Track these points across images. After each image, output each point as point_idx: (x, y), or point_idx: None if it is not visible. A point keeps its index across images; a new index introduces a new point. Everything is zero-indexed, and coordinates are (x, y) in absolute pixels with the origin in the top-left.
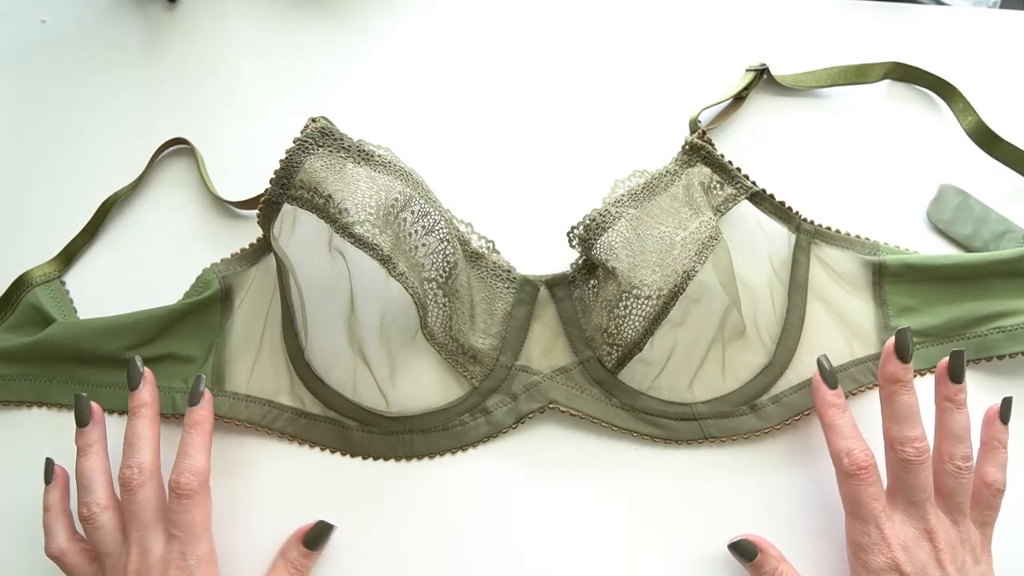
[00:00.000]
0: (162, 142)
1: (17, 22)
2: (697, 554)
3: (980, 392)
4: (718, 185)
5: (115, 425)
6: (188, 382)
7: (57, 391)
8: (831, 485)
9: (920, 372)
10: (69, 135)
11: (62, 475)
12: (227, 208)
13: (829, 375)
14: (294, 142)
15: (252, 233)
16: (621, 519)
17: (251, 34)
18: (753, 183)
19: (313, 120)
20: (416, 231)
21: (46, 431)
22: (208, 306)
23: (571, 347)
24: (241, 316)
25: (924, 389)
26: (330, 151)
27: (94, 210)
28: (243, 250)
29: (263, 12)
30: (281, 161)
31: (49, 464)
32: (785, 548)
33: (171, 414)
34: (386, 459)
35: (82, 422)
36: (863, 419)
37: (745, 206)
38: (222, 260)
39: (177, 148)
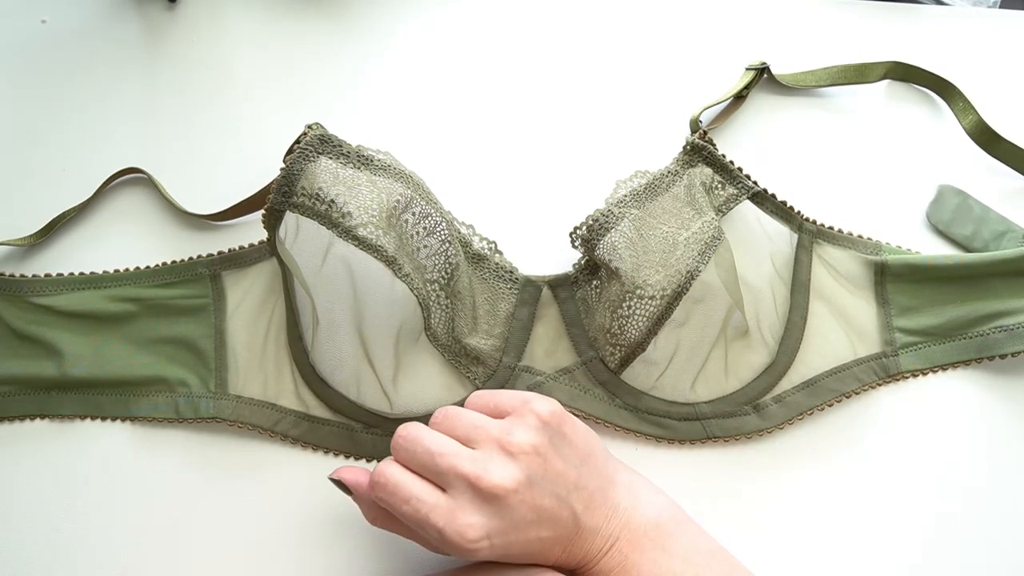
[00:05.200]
0: (160, 143)
1: (17, 22)
2: None
3: (981, 391)
4: (720, 185)
5: (118, 432)
6: (190, 384)
7: (56, 402)
8: (834, 485)
9: (922, 372)
10: (68, 135)
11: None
12: (198, 221)
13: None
14: (294, 150)
15: (231, 239)
16: None
17: (251, 34)
18: (754, 183)
19: (309, 127)
20: (418, 232)
21: (47, 442)
22: (201, 307)
23: (574, 348)
24: (242, 319)
25: (925, 389)
26: (330, 157)
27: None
28: (241, 248)
29: (263, 13)
30: (282, 170)
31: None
32: (788, 548)
33: (175, 418)
34: None
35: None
36: (866, 417)
37: (747, 206)
38: (217, 254)
39: (132, 177)
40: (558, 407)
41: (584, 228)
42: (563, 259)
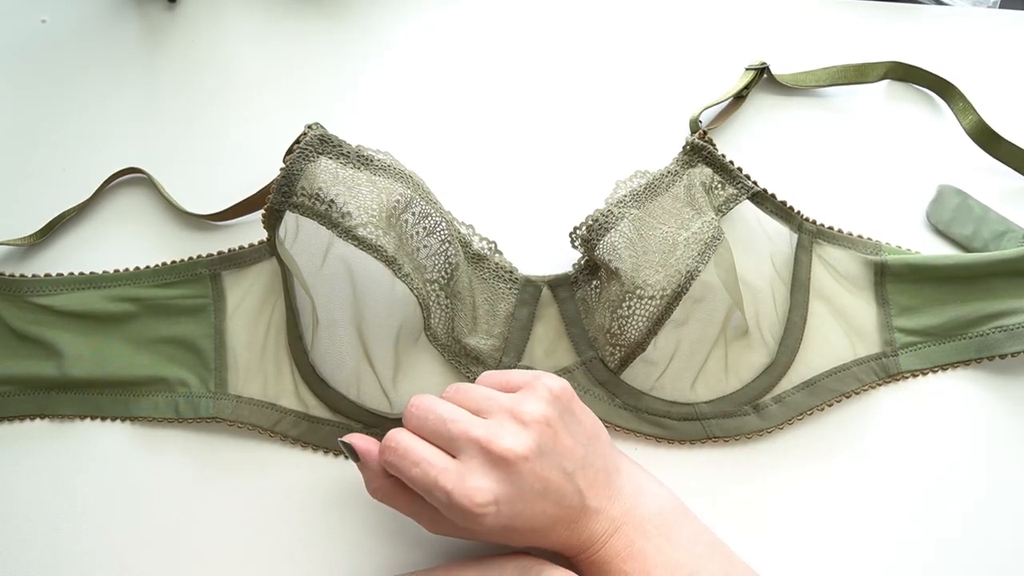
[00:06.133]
0: (160, 143)
1: (17, 22)
2: None
3: (982, 391)
4: (719, 185)
5: (118, 432)
6: (190, 384)
7: (56, 402)
8: (834, 485)
9: (922, 372)
10: (68, 135)
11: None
12: (199, 221)
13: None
14: (294, 150)
15: (231, 239)
16: None
17: (251, 34)
18: (754, 183)
19: (309, 127)
20: (417, 232)
21: (47, 442)
22: (201, 307)
23: (574, 348)
24: (242, 319)
25: (925, 389)
26: (330, 157)
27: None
28: (241, 248)
29: (263, 13)
30: (282, 170)
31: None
32: (788, 548)
33: (175, 418)
34: None
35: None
36: (865, 417)
37: (746, 206)
38: (217, 254)
39: (131, 177)
40: (568, 385)
41: (584, 228)
42: (563, 259)
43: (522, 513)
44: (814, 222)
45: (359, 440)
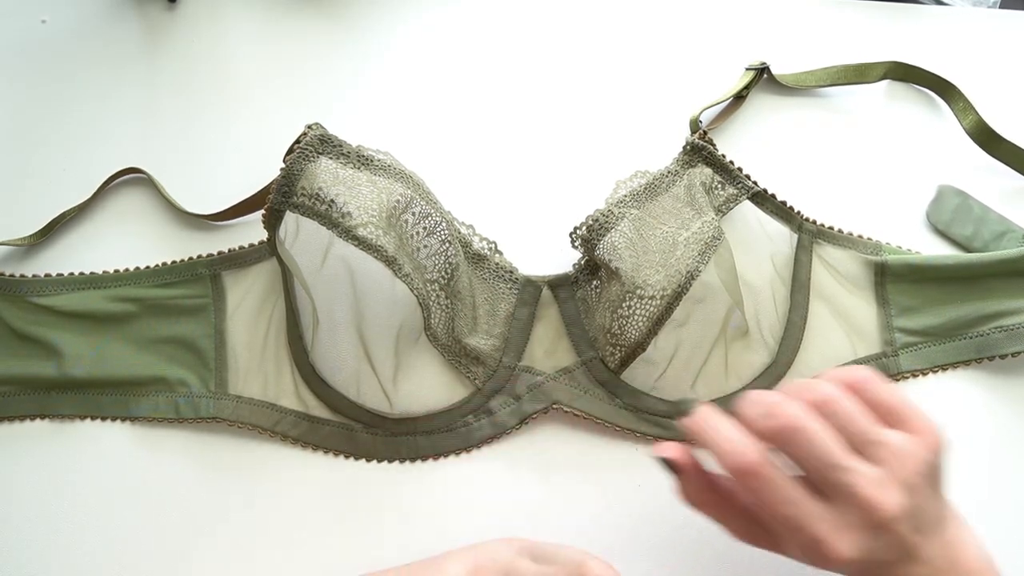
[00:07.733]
0: (160, 143)
1: (17, 22)
2: (699, 554)
3: (982, 391)
4: (719, 185)
5: (118, 432)
6: (190, 384)
7: (56, 402)
8: None
9: (922, 372)
10: (68, 135)
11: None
12: (199, 221)
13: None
14: (294, 150)
15: (231, 239)
16: (624, 519)
17: (251, 34)
18: (754, 183)
19: (309, 127)
20: (418, 232)
21: (47, 442)
22: (201, 307)
23: (574, 348)
24: (242, 319)
25: (925, 389)
26: (330, 157)
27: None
28: (241, 248)
29: (263, 13)
30: (282, 170)
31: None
32: None
33: (175, 418)
34: (390, 461)
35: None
36: None
37: (747, 206)
38: (217, 254)
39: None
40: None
41: (584, 228)
42: (563, 259)
43: (867, 571)
44: (814, 222)
45: (677, 452)
